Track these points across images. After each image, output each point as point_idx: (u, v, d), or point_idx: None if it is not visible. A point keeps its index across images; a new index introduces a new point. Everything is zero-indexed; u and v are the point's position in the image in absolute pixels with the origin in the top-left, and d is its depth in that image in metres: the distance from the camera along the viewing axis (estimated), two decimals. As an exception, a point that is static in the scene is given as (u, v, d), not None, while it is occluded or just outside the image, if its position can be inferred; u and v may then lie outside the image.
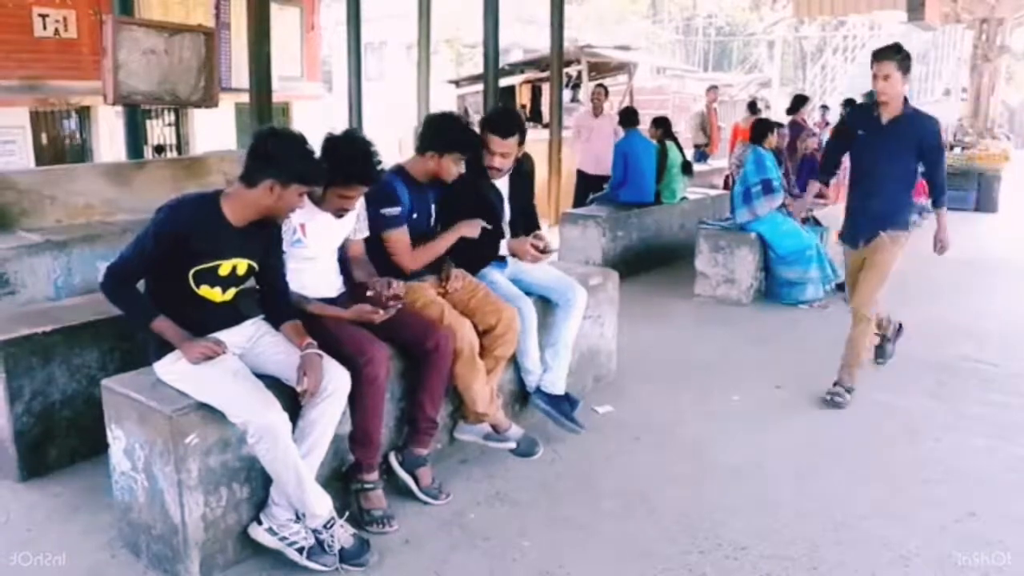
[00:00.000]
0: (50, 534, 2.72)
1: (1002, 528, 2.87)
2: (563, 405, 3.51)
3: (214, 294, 2.54)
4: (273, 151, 2.47)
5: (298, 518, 2.53)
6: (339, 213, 2.84)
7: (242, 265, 2.55)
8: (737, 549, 2.72)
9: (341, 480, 2.84)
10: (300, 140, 2.53)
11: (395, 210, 3.12)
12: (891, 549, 2.73)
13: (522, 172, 3.72)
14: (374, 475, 2.82)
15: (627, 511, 2.96)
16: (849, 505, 3.02)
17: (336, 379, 2.59)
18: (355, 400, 2.68)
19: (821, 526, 2.87)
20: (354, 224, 3.02)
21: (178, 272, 2.47)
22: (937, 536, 2.82)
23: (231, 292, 2.58)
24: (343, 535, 2.54)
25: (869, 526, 2.87)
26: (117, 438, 2.53)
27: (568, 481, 3.16)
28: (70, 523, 2.79)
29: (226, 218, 2.49)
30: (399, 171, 3.24)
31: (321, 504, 2.52)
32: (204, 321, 2.54)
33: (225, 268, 2.52)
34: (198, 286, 2.50)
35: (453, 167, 3.19)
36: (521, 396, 3.63)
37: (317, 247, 2.89)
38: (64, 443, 3.15)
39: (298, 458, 2.45)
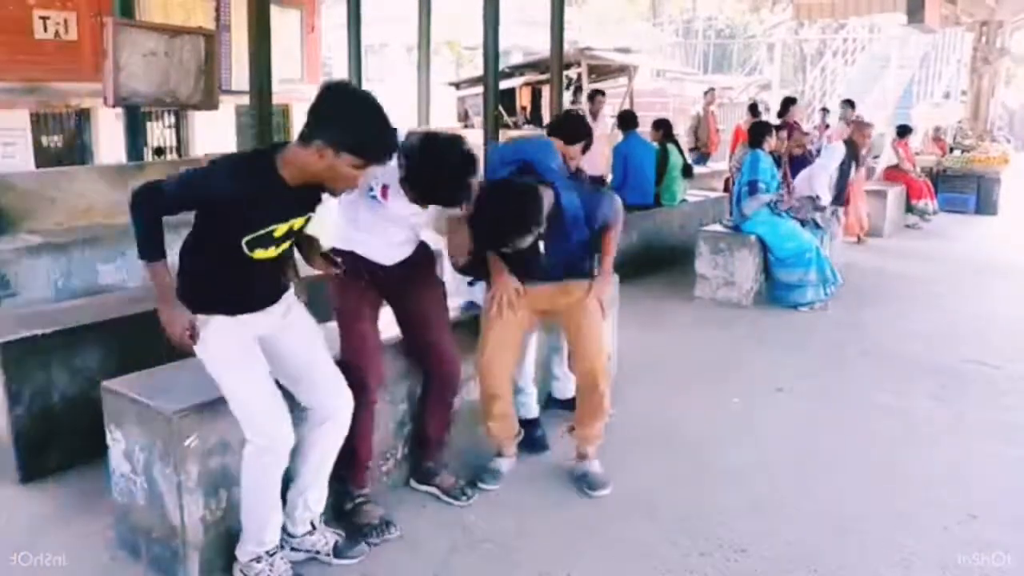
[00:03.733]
0: (50, 536, 2.72)
1: (1003, 530, 2.87)
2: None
3: (268, 253, 2.33)
4: (329, 110, 2.14)
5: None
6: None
7: (298, 222, 2.36)
8: (738, 551, 2.71)
9: (340, 481, 2.83)
10: (366, 103, 2.15)
11: None
12: (892, 551, 2.73)
13: None
14: (365, 488, 2.80)
15: (627, 512, 2.95)
16: (850, 507, 3.02)
17: (339, 399, 2.52)
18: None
19: (822, 528, 2.87)
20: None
21: (231, 238, 2.24)
22: (939, 538, 2.82)
23: (284, 246, 2.38)
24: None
25: (870, 528, 2.87)
26: (117, 440, 2.53)
27: (568, 483, 3.15)
28: (70, 525, 2.79)
29: (283, 179, 2.20)
30: None
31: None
32: (250, 285, 2.36)
33: (281, 230, 2.29)
34: (252, 251, 2.26)
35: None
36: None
37: (396, 212, 2.69)
38: (64, 445, 3.15)
39: (279, 482, 2.41)
